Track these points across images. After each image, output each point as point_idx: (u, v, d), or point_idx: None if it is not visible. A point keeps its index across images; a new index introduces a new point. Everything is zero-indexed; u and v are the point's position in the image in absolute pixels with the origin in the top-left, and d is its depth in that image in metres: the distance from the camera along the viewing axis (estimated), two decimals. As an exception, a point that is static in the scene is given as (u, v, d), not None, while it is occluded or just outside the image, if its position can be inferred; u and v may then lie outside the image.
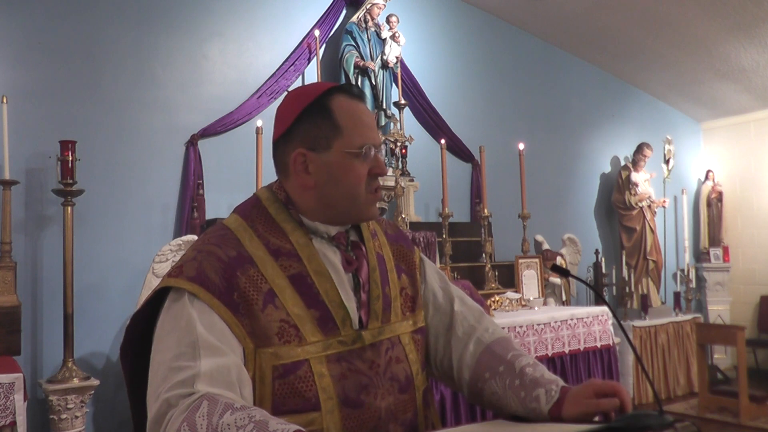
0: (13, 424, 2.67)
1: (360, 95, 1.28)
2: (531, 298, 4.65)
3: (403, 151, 4.96)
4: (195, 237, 3.78)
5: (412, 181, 5.04)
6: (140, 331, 1.22)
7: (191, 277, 1.13)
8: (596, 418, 1.12)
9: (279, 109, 1.30)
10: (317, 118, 1.22)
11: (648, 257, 6.65)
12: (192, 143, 4.31)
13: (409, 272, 1.39)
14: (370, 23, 5.08)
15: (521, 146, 5.03)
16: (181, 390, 1.02)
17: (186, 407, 0.99)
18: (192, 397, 1.00)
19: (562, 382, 1.21)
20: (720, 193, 7.73)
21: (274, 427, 0.91)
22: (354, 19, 5.07)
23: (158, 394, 1.03)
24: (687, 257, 6.99)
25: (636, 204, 6.67)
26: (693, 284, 6.92)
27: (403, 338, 1.30)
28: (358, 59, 4.95)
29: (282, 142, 1.26)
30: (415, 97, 5.41)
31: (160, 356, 1.09)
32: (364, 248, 1.31)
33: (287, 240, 1.22)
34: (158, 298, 1.18)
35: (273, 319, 1.14)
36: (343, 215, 1.26)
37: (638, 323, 5.93)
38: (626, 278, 6.39)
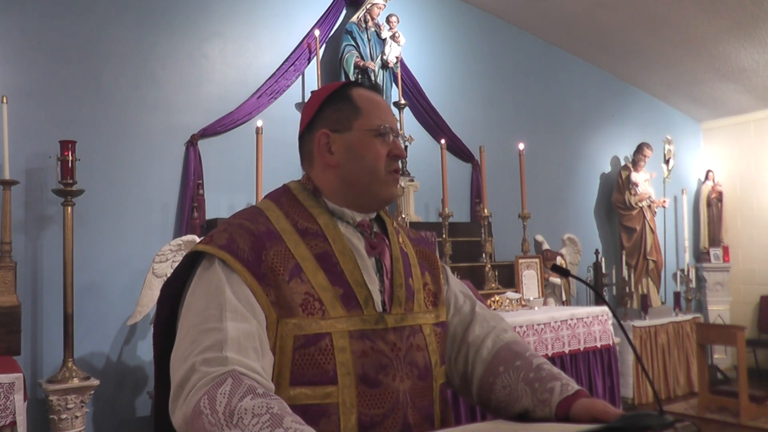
0: (13, 424, 2.67)
1: (377, 89, 1.39)
2: (531, 298, 4.65)
3: (403, 151, 4.96)
4: (195, 237, 3.78)
5: (412, 181, 5.04)
6: (171, 307, 1.24)
7: (222, 245, 1.18)
8: None
9: (303, 108, 1.40)
10: (338, 103, 1.32)
11: (648, 257, 6.64)
12: (192, 143, 4.31)
13: (432, 271, 1.42)
14: (370, 23, 5.08)
15: (521, 146, 5.03)
16: (210, 354, 1.05)
17: (210, 380, 1.01)
18: (218, 371, 1.03)
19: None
20: (720, 193, 7.73)
21: (288, 424, 0.93)
22: (354, 19, 5.07)
23: (186, 357, 1.06)
24: (687, 257, 6.98)
25: (636, 204, 6.67)
26: (693, 284, 6.92)
27: (424, 328, 1.31)
28: (358, 59, 4.95)
29: (306, 132, 1.35)
30: (415, 97, 5.41)
31: (188, 321, 1.13)
32: (387, 240, 1.36)
33: (314, 222, 1.28)
34: (187, 270, 1.22)
35: (298, 292, 1.18)
36: (365, 194, 1.31)
37: (638, 323, 5.93)
38: (626, 278, 6.39)
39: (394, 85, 5.17)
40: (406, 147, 4.98)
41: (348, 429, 1.15)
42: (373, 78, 4.99)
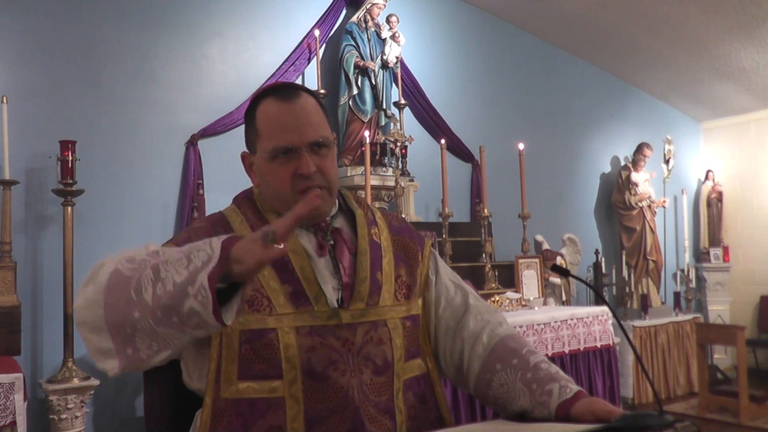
0: (13, 424, 2.67)
1: (291, 95, 1.27)
2: (531, 298, 4.65)
3: (403, 151, 4.95)
4: (195, 237, 3.77)
5: (412, 181, 5.03)
6: None
7: (179, 242, 1.24)
8: None
9: None
10: (248, 123, 1.33)
11: (648, 257, 6.64)
12: (192, 143, 4.31)
13: (409, 263, 1.40)
14: (370, 23, 5.08)
15: (521, 146, 5.02)
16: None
17: (120, 259, 1.13)
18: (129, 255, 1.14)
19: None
20: (720, 193, 7.72)
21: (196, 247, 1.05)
22: (354, 19, 5.07)
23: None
24: (687, 257, 6.98)
25: (636, 204, 6.66)
26: (693, 284, 6.91)
27: (390, 322, 1.29)
28: (358, 59, 4.94)
29: None
30: (415, 97, 5.41)
31: None
32: (348, 234, 1.35)
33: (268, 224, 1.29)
34: None
35: (247, 290, 1.19)
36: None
37: (638, 323, 5.93)
38: (626, 278, 6.39)
39: (394, 85, 5.17)
40: (405, 147, 4.97)
41: (295, 423, 1.16)
42: (373, 78, 4.98)
